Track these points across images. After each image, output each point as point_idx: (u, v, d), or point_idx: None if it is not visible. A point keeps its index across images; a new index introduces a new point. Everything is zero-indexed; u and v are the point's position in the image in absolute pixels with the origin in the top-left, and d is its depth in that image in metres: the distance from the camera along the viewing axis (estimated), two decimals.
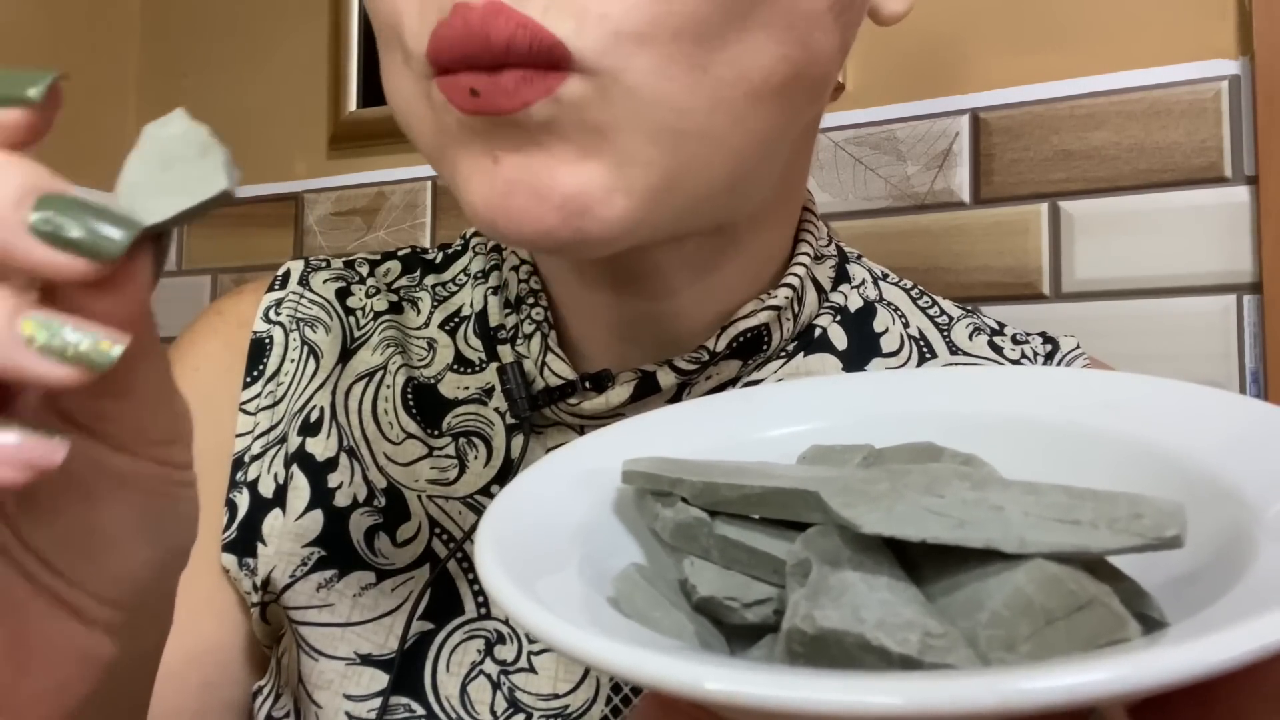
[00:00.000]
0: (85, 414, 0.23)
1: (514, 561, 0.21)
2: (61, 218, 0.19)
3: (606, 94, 0.29)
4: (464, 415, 0.44)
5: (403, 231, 1.24)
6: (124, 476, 0.24)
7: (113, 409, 0.23)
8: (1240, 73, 0.84)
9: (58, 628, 0.24)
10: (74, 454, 0.21)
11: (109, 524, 0.24)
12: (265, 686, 0.43)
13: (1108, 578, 0.19)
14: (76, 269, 0.19)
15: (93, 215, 0.19)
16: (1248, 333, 0.83)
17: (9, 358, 0.19)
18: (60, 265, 0.19)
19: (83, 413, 0.23)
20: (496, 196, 0.31)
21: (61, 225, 0.19)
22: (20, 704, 0.23)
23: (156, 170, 0.21)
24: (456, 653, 0.40)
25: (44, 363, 0.19)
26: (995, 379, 0.29)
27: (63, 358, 0.19)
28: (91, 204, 0.19)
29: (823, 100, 0.37)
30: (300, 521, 0.43)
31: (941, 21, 0.95)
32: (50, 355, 0.19)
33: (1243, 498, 0.21)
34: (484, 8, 0.28)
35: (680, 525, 0.23)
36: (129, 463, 0.24)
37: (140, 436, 0.24)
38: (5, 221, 0.19)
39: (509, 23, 0.28)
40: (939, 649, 0.16)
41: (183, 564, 0.27)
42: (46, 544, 0.23)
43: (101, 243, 0.19)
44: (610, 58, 0.29)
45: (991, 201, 0.93)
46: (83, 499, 0.23)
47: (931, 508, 0.19)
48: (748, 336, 0.41)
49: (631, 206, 0.31)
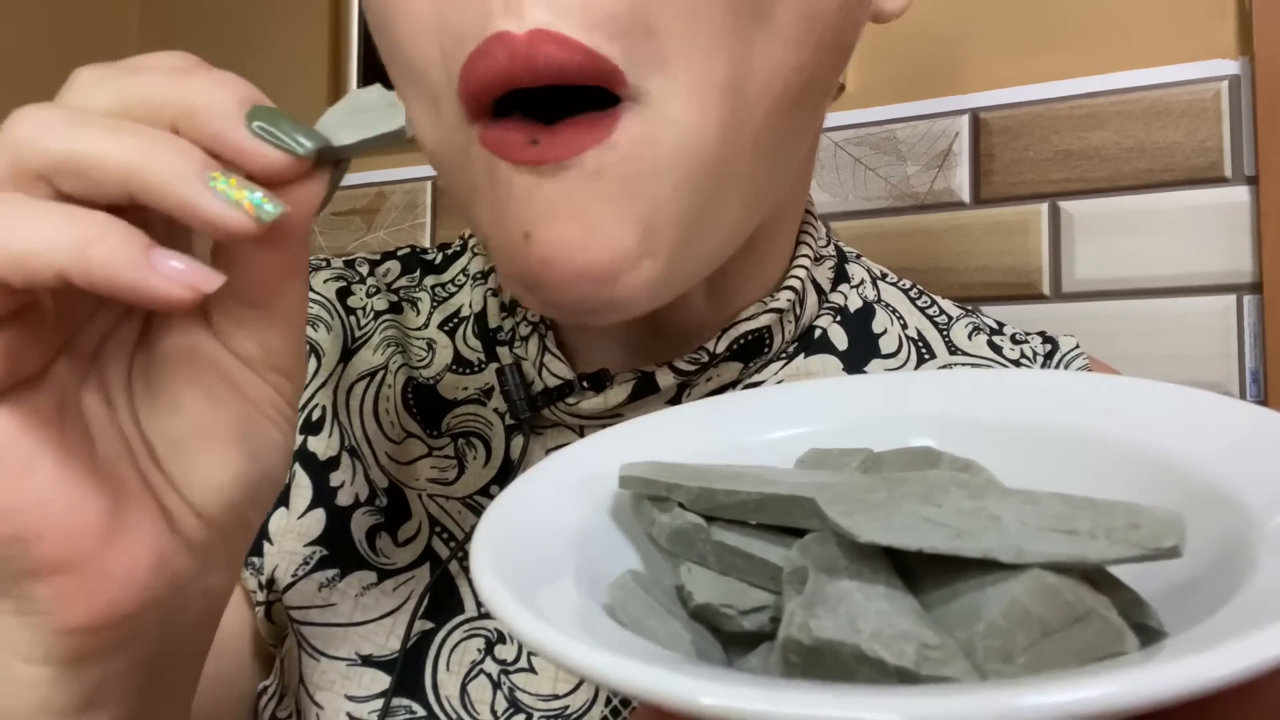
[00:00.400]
0: (227, 321, 0.26)
1: (509, 569, 0.21)
2: (269, 122, 0.23)
3: (654, 132, 0.29)
4: (463, 416, 0.44)
5: (402, 231, 1.24)
6: (241, 388, 0.27)
7: (252, 320, 0.26)
8: (1240, 73, 0.84)
9: (147, 521, 0.25)
10: (206, 354, 0.26)
11: (218, 428, 0.26)
12: (270, 686, 0.43)
13: (1106, 587, 0.19)
14: (273, 160, 0.23)
15: (292, 125, 0.24)
16: (1248, 333, 0.83)
17: (194, 196, 0.22)
18: (262, 155, 0.23)
19: (225, 319, 0.26)
20: (527, 273, 0.31)
21: (268, 126, 0.23)
22: (99, 574, 0.24)
23: (348, 115, 0.26)
24: (456, 652, 0.40)
25: (221, 204, 0.22)
26: (995, 383, 0.29)
27: (236, 205, 0.22)
28: (292, 118, 0.24)
29: (825, 103, 0.37)
30: (302, 520, 0.43)
31: (941, 21, 0.95)
32: (227, 201, 0.22)
33: (1244, 507, 0.20)
34: (529, 35, 0.27)
35: (677, 531, 0.23)
36: (249, 377, 0.27)
37: (265, 356, 0.27)
38: (229, 116, 0.23)
39: (560, 49, 0.27)
40: (935, 660, 0.16)
41: (267, 502, 0.29)
42: (160, 436, 0.26)
43: (296, 145, 0.24)
44: (658, 79, 0.29)
45: (991, 201, 0.93)
46: (204, 397, 0.26)
47: (929, 517, 0.19)
48: (749, 339, 0.40)
49: (658, 269, 0.31)
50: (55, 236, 0.21)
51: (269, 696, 0.43)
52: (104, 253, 0.21)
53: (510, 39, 0.28)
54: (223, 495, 0.27)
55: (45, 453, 0.24)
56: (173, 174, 0.22)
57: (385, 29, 0.32)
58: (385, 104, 0.26)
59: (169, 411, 0.26)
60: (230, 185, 0.23)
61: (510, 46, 0.28)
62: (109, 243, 0.21)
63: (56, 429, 0.24)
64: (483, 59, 0.28)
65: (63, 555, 0.24)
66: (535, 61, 0.28)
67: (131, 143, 0.22)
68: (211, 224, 0.22)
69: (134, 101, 0.23)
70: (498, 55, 0.28)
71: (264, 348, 0.27)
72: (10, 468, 0.23)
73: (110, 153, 0.22)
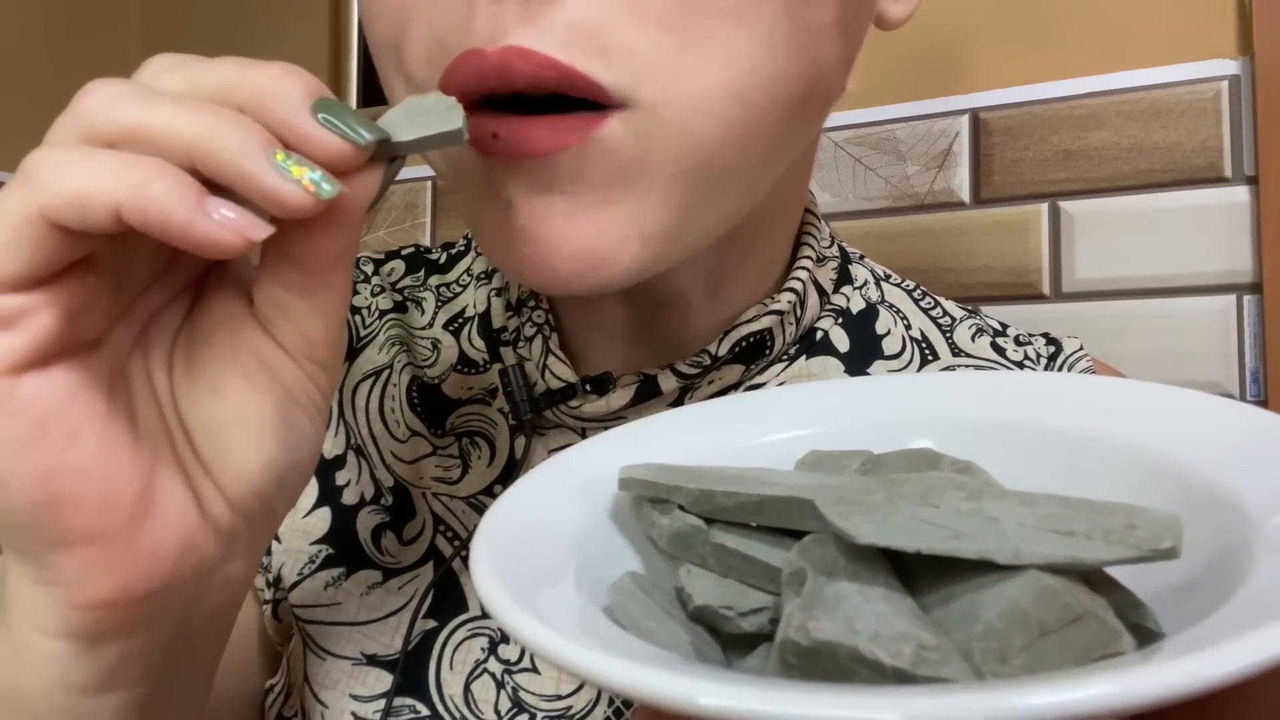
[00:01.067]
0: (272, 309, 0.27)
1: (509, 571, 0.21)
2: (334, 113, 0.24)
3: (643, 134, 0.29)
4: (467, 415, 0.44)
5: (403, 231, 1.24)
6: (280, 376, 0.27)
7: (295, 309, 0.27)
8: (1240, 73, 0.84)
9: (178, 502, 0.26)
10: (249, 340, 0.27)
11: (255, 413, 0.27)
12: (276, 685, 0.43)
13: (1104, 589, 0.19)
14: (335, 148, 0.24)
15: (354, 117, 0.25)
16: (1248, 333, 0.83)
17: (256, 168, 0.23)
18: (325, 141, 0.24)
19: (270, 307, 0.27)
20: (508, 243, 0.31)
21: (332, 117, 0.24)
22: (127, 549, 0.25)
23: (408, 115, 0.27)
24: (460, 650, 0.40)
25: (281, 178, 0.23)
26: (995, 385, 0.29)
27: (296, 181, 0.23)
28: (355, 111, 0.25)
29: (828, 110, 0.37)
30: (308, 519, 0.43)
31: (941, 21, 0.95)
32: (287, 176, 0.23)
33: (1243, 508, 0.20)
34: (499, 54, 0.28)
35: (677, 533, 0.23)
36: (288, 366, 0.27)
37: (306, 346, 0.27)
38: (296, 103, 0.24)
39: (530, 64, 0.28)
40: (932, 662, 0.16)
41: (294, 493, 0.29)
42: (197, 418, 0.27)
43: (357, 136, 0.25)
44: (648, 89, 0.29)
45: (991, 201, 0.93)
46: (244, 382, 0.27)
47: (927, 518, 0.19)
48: (751, 341, 0.40)
49: (645, 251, 0.31)
50: (112, 176, 0.22)
51: (275, 695, 0.43)
52: (159, 193, 0.22)
53: (480, 56, 0.28)
54: (253, 482, 0.27)
55: (92, 421, 0.24)
56: (237, 146, 0.23)
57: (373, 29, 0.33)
58: (444, 107, 0.27)
59: (209, 394, 0.27)
60: (291, 163, 0.23)
61: (480, 63, 0.28)
62: (164, 184, 0.22)
63: (105, 398, 0.25)
64: (455, 74, 0.29)
65: (94, 526, 0.24)
66: (507, 75, 0.28)
67: (199, 116, 0.23)
68: (271, 196, 0.23)
69: (205, 85, 0.24)
70: (468, 71, 0.29)
71: (305, 338, 0.27)
72: (57, 432, 0.23)
73: (177, 124, 0.23)
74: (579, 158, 0.29)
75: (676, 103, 0.29)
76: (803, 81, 0.31)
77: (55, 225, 0.22)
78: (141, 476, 0.25)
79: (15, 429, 0.23)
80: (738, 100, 0.30)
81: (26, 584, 0.25)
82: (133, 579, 0.25)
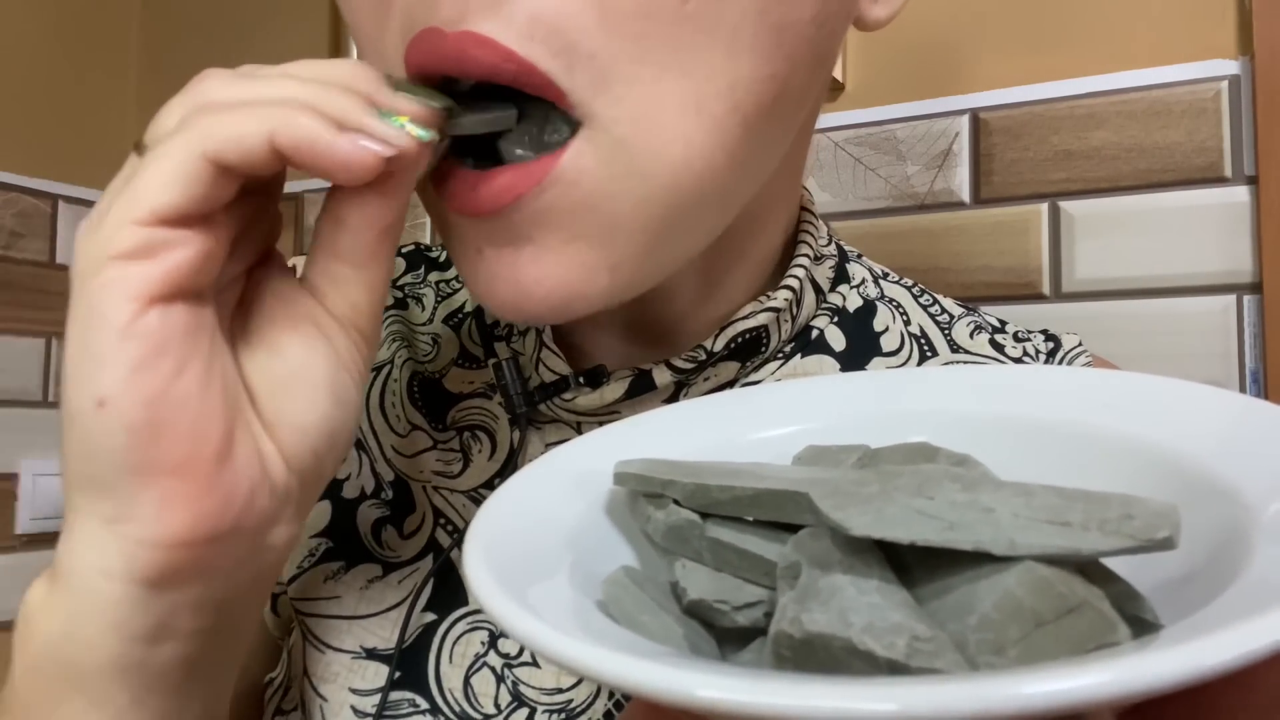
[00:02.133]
0: (324, 279, 0.30)
1: (503, 566, 0.21)
2: (406, 88, 0.29)
3: (605, 158, 0.30)
4: (468, 409, 0.44)
5: (404, 231, 1.24)
6: (331, 339, 0.30)
7: (345, 278, 0.30)
8: (1240, 73, 0.84)
9: (247, 453, 0.27)
10: (303, 307, 0.30)
11: (313, 371, 0.29)
12: (276, 679, 0.43)
13: (1099, 580, 0.18)
14: (416, 108, 0.28)
15: (425, 90, 0.29)
16: (1248, 333, 0.83)
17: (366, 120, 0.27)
18: (408, 104, 0.28)
19: (322, 278, 0.30)
20: (482, 283, 0.32)
21: (405, 91, 0.28)
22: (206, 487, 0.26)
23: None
24: (459, 644, 0.40)
25: (386, 126, 0.27)
26: (992, 378, 0.29)
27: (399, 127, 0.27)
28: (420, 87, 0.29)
29: (806, 107, 0.36)
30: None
31: (941, 21, 0.95)
32: (390, 124, 0.27)
33: (1240, 497, 0.20)
34: (457, 37, 0.29)
35: (672, 527, 0.23)
36: (337, 332, 0.30)
37: (352, 315, 0.30)
38: (377, 81, 0.28)
39: (486, 51, 0.28)
40: (926, 653, 0.16)
41: (340, 455, 0.31)
42: (260, 377, 0.29)
43: (432, 101, 0.28)
44: (602, 100, 0.29)
45: (991, 201, 0.93)
46: (301, 343, 0.29)
47: (922, 510, 0.19)
48: (746, 338, 0.40)
49: (616, 281, 0.32)
50: (264, 113, 0.26)
51: (275, 688, 0.43)
52: (305, 123, 0.26)
53: (439, 36, 0.29)
54: (310, 436, 0.29)
55: (196, 359, 0.26)
56: (344, 106, 0.27)
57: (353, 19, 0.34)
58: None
59: (269, 356, 0.29)
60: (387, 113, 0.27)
61: (435, 41, 0.29)
62: (307, 118, 0.26)
63: (208, 344, 0.27)
64: (412, 51, 0.30)
65: (182, 457, 0.26)
66: (464, 62, 0.29)
67: (309, 87, 0.27)
68: (382, 137, 0.27)
69: (298, 73, 0.28)
70: (421, 49, 0.30)
71: (353, 307, 0.30)
72: (168, 360, 0.25)
73: (293, 93, 0.27)
74: (537, 200, 0.30)
75: (630, 116, 0.29)
76: (774, 82, 0.31)
77: (214, 162, 0.25)
78: (227, 420, 0.27)
79: (135, 352, 0.25)
80: (694, 111, 0.30)
81: (97, 525, 0.26)
82: (203, 518, 0.26)
